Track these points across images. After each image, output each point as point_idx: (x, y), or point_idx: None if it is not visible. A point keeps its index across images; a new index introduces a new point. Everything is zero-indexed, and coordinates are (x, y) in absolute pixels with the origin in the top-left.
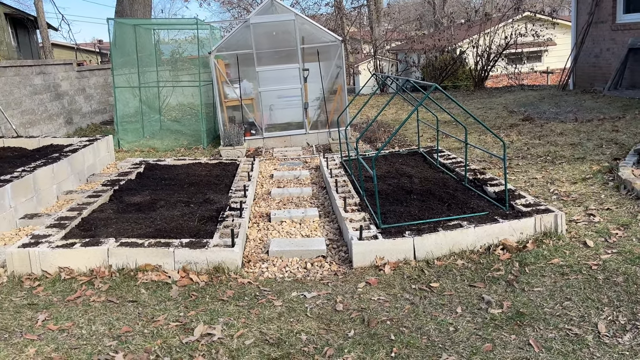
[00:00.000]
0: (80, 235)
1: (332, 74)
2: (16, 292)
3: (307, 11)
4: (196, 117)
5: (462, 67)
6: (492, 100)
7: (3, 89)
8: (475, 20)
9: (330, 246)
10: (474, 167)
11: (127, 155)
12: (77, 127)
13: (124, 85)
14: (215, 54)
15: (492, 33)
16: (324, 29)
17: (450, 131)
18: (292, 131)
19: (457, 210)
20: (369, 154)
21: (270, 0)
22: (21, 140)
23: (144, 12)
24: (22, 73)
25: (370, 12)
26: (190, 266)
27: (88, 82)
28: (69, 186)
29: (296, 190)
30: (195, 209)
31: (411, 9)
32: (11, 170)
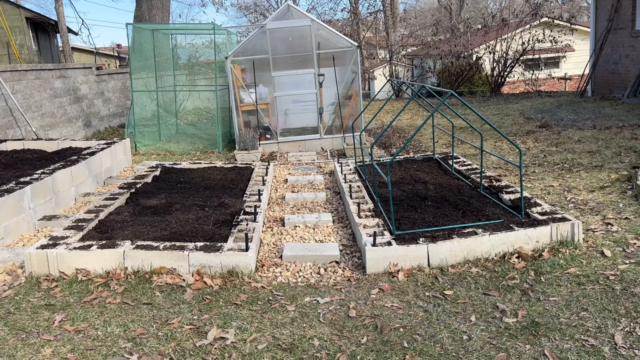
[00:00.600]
0: (97, 237)
1: (348, 79)
2: (34, 293)
3: (323, 16)
4: (212, 121)
5: (479, 72)
6: (508, 106)
7: (24, 92)
8: (492, 25)
9: (343, 252)
10: (490, 174)
11: (143, 158)
12: (95, 130)
13: (142, 89)
14: (231, 58)
15: (509, 39)
16: (339, 34)
17: (466, 137)
18: (306, 136)
19: (472, 217)
20: (383, 159)
21: (286, 6)
22: (41, 143)
23: (162, 17)
24: (42, 77)
25: (387, 17)
26: (204, 270)
27: (106, 85)
28: (87, 188)
29: (310, 195)
30: (210, 213)
31: (427, 15)
32: (31, 172)
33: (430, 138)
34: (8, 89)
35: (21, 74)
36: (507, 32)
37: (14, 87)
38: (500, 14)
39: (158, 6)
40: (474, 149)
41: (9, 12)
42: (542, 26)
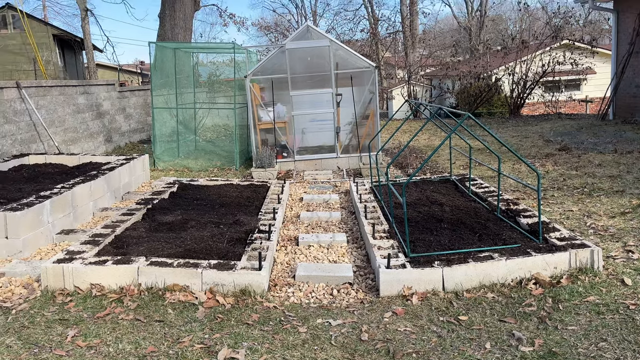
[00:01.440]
0: (113, 252)
1: (365, 99)
2: (48, 307)
3: (343, 37)
4: (230, 139)
5: (498, 94)
6: (527, 128)
7: (48, 107)
8: (512, 47)
9: (357, 273)
10: (507, 197)
11: (161, 174)
12: (115, 145)
13: (162, 106)
14: (251, 77)
15: (529, 61)
16: (358, 55)
17: (484, 159)
18: (323, 154)
19: (488, 241)
20: (399, 179)
21: (306, 27)
22: (62, 157)
23: (184, 35)
24: (66, 92)
25: (406, 38)
26: (217, 288)
27: (128, 102)
28: (105, 203)
29: (325, 215)
30: (224, 230)
31: (447, 35)
32: (51, 186)
33: (447, 159)
34: (33, 104)
35: (46, 90)
36: (527, 54)
37: (39, 102)
38: (520, 36)
39: (181, 25)
40: (491, 171)
41: (37, 29)
42: (562, 48)
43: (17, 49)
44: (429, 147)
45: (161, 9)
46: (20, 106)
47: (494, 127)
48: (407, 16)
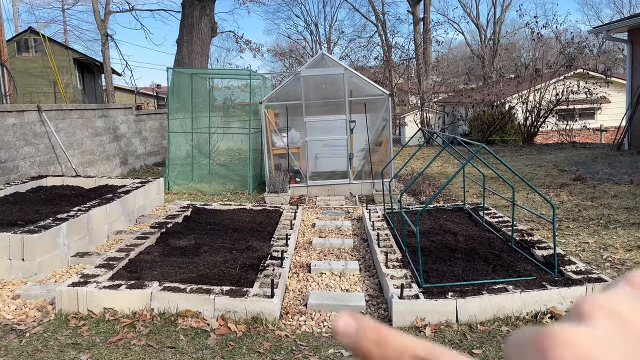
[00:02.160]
0: (127, 276)
1: (378, 126)
2: (62, 331)
3: (356, 63)
4: (243, 163)
5: (511, 122)
6: (541, 157)
7: (67, 130)
8: (525, 75)
9: (369, 302)
10: (521, 228)
11: (175, 197)
12: (131, 168)
13: (178, 130)
14: (266, 103)
15: (543, 89)
16: (371, 82)
17: (497, 188)
18: (335, 180)
19: (502, 272)
20: (412, 207)
21: (321, 55)
22: (79, 180)
23: (201, 61)
24: (85, 116)
25: (419, 65)
26: (229, 314)
27: (145, 125)
28: (120, 226)
29: (337, 241)
30: (237, 256)
31: (460, 63)
32: (68, 208)
33: (460, 187)
34: (52, 127)
35: (66, 113)
36: (540, 83)
37: (58, 125)
38: (534, 65)
39: (198, 51)
40: (505, 200)
41: (58, 53)
42: (576, 77)
43: (38, 72)
44: (442, 174)
45: (179, 35)
46: (40, 129)
47: (507, 155)
48: (420, 44)
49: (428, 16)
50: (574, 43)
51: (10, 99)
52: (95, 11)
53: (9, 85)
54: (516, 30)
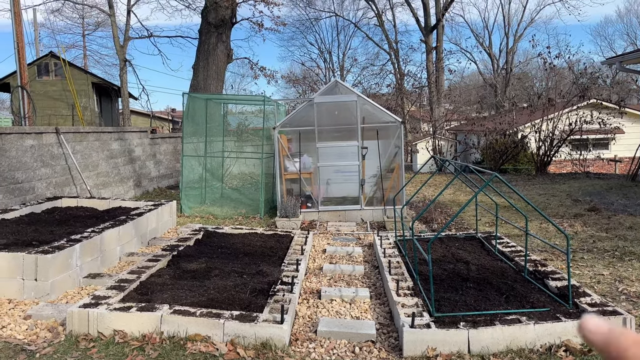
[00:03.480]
0: (137, 299)
1: (390, 153)
2: (72, 352)
3: (369, 90)
4: (255, 187)
5: (524, 151)
6: (555, 186)
7: (83, 152)
8: (538, 105)
9: (380, 331)
10: (535, 258)
11: (187, 220)
12: (144, 190)
13: (192, 154)
14: (279, 129)
15: (556, 119)
16: (384, 110)
17: (510, 217)
18: (347, 206)
19: (515, 303)
20: (424, 235)
21: (334, 82)
22: (93, 201)
23: (216, 86)
24: (102, 138)
25: (431, 93)
26: (238, 340)
27: (159, 148)
28: (132, 248)
29: (348, 268)
30: (247, 280)
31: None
32: (82, 229)
33: (472, 215)
34: (69, 149)
35: (83, 136)
36: (553, 112)
37: (75, 147)
38: (547, 94)
39: (213, 76)
40: (517, 229)
41: (77, 77)
42: (590, 107)
43: (57, 95)
44: (454, 202)
45: (195, 61)
46: (58, 150)
47: (520, 184)
48: (433, 72)
49: (441, 45)
50: (587, 73)
51: (29, 121)
52: (115, 37)
53: (28, 107)
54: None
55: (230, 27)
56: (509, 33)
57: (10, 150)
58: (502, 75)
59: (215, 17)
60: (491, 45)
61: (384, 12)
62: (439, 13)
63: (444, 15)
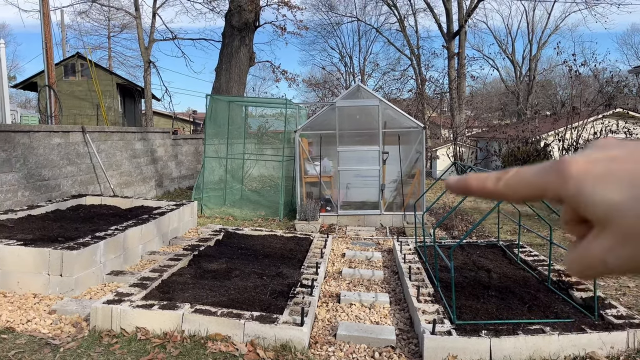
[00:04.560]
0: (159, 297)
1: (412, 159)
2: (95, 347)
3: (390, 95)
4: (275, 189)
5: (547, 159)
6: None
7: (108, 151)
8: (562, 113)
9: (400, 337)
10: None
11: (207, 221)
12: (165, 190)
13: (213, 155)
14: (300, 132)
15: (580, 127)
16: (406, 115)
17: (532, 225)
18: (366, 211)
19: (539, 313)
20: (445, 241)
21: (357, 86)
22: (117, 200)
23: (238, 89)
24: (125, 138)
25: (452, 99)
26: (258, 340)
27: (181, 149)
28: (153, 247)
29: (368, 273)
30: (267, 282)
31: (494, 98)
32: (105, 227)
33: (493, 222)
34: (94, 148)
35: (107, 135)
36: (577, 121)
37: (100, 146)
38: (571, 102)
39: (235, 79)
40: (540, 238)
41: (103, 77)
42: (615, 117)
43: (83, 95)
44: (475, 209)
45: (218, 64)
46: (83, 149)
47: None
48: (454, 79)
49: (463, 51)
50: (613, 82)
51: (55, 119)
52: (140, 39)
53: (55, 106)
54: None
55: (253, 30)
56: (532, 40)
57: (38, 148)
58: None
59: (239, 21)
60: (514, 52)
61: (406, 18)
62: (461, 19)
63: (466, 21)
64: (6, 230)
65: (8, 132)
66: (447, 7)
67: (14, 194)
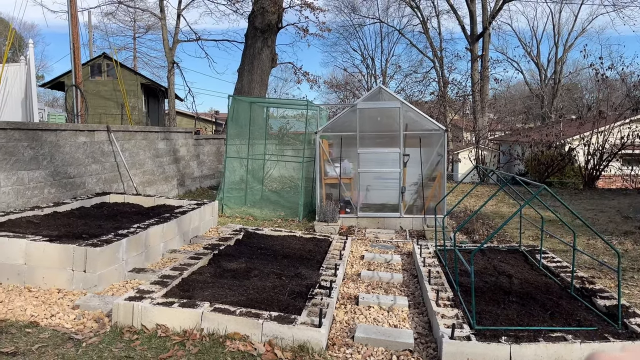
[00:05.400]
0: (179, 295)
1: (433, 161)
2: (116, 343)
3: (412, 97)
4: (295, 190)
5: (571, 164)
6: (603, 202)
7: (131, 151)
8: (587, 117)
9: (418, 340)
10: (582, 275)
11: (228, 220)
12: (187, 190)
13: (234, 155)
14: (320, 134)
15: (606, 132)
16: (428, 117)
17: (554, 231)
18: (386, 213)
19: (561, 320)
20: (465, 246)
21: (378, 88)
22: (139, 198)
23: (260, 90)
24: (149, 138)
25: (475, 102)
26: (276, 341)
27: (203, 149)
28: (174, 245)
29: (386, 275)
30: (286, 282)
31: (517, 102)
32: (128, 225)
33: (514, 227)
34: (118, 147)
35: (131, 134)
36: (604, 125)
37: (124, 145)
38: (597, 106)
39: (257, 80)
40: (563, 244)
41: (128, 77)
42: None
43: (108, 95)
44: (496, 213)
45: (240, 65)
46: (108, 148)
47: (566, 198)
48: (478, 81)
49: (487, 54)
50: None
51: (81, 118)
52: (164, 40)
53: (81, 105)
54: (579, 70)
55: (275, 32)
56: (558, 42)
57: (65, 146)
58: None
59: (262, 22)
60: (539, 54)
61: (429, 20)
62: (485, 21)
63: (490, 23)
64: (32, 227)
65: (36, 131)
66: (471, 9)
67: (41, 190)
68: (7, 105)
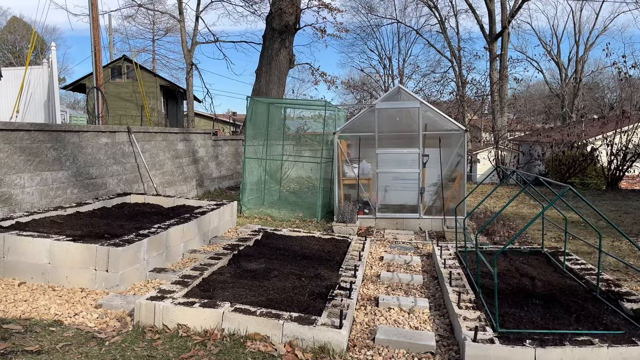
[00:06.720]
0: (200, 295)
1: (452, 162)
2: (138, 342)
3: (430, 97)
4: (313, 191)
5: (593, 164)
6: (627, 203)
7: (151, 152)
8: (610, 117)
9: (440, 343)
10: (607, 277)
11: (246, 221)
12: (205, 190)
13: (252, 156)
14: (339, 134)
15: (630, 132)
16: (447, 117)
17: (578, 232)
18: (405, 214)
19: (586, 324)
20: (486, 247)
21: (397, 88)
22: (159, 199)
23: (277, 91)
24: (168, 139)
25: (494, 101)
26: (296, 342)
27: (221, 150)
28: (194, 245)
29: (406, 277)
30: (305, 283)
31: (537, 101)
32: (149, 225)
33: (537, 229)
34: (139, 148)
35: (151, 135)
36: (627, 124)
37: (144, 146)
38: (620, 105)
39: (275, 82)
40: (587, 246)
41: (147, 79)
42: None
43: (128, 97)
44: (517, 214)
45: (258, 66)
46: (128, 149)
47: (589, 199)
48: (496, 81)
49: (505, 53)
50: None
51: (102, 120)
52: (183, 42)
53: (102, 107)
54: (600, 69)
55: (293, 33)
56: (579, 41)
57: (87, 147)
58: (571, 85)
59: (279, 23)
60: (559, 53)
61: (447, 19)
62: (504, 20)
63: (509, 22)
64: (56, 226)
65: (59, 132)
66: (490, 8)
67: (64, 191)
68: (30, 107)
